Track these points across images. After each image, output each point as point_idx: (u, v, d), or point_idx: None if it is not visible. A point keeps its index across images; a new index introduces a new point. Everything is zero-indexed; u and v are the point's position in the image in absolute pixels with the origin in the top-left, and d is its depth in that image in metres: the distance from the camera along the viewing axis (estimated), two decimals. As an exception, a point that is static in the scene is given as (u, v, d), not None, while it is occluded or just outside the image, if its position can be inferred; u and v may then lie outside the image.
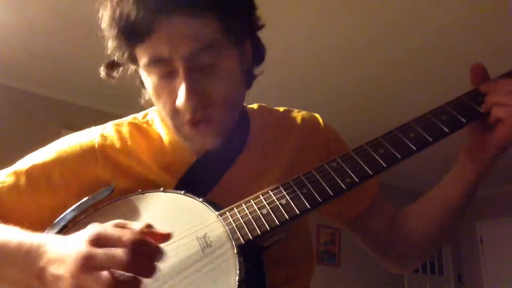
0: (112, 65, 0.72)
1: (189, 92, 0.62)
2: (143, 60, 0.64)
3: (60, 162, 0.72)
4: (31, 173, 0.71)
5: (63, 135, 0.79)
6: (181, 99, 0.62)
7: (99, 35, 0.69)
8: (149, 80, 0.67)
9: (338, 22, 2.74)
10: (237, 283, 0.50)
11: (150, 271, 0.47)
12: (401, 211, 0.84)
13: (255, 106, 0.87)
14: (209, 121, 0.66)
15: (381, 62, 3.13)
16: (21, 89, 3.56)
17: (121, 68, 0.72)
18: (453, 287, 5.83)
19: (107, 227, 0.51)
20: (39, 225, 0.64)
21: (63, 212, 0.67)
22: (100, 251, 0.47)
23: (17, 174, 0.71)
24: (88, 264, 0.46)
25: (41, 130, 3.47)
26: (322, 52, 3.06)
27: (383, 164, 0.59)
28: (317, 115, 0.87)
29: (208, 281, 0.53)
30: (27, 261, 0.53)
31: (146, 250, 0.48)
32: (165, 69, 0.64)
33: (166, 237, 0.54)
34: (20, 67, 3.33)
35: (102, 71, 0.73)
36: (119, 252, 0.46)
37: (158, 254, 0.49)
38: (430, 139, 0.60)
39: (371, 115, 3.87)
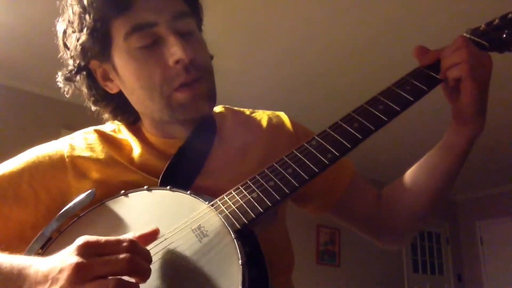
0: (71, 75, 0.74)
1: (184, 45, 0.65)
2: (124, 31, 0.66)
3: (28, 173, 0.69)
4: None
5: (63, 135, 0.78)
6: (178, 50, 0.65)
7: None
8: (130, 55, 0.67)
9: (339, 21, 2.75)
10: (241, 266, 0.51)
11: (147, 274, 0.48)
12: (386, 188, 0.84)
13: (219, 107, 0.86)
14: (201, 81, 0.68)
15: (382, 60, 3.13)
16: (21, 89, 3.56)
17: (78, 76, 0.74)
18: (453, 287, 5.84)
19: (92, 238, 0.48)
20: (7, 241, 0.61)
21: (33, 226, 0.65)
22: (96, 259, 0.46)
23: None
24: (85, 274, 0.45)
25: (41, 130, 3.47)
26: (323, 50, 3.06)
27: (359, 136, 0.63)
28: (282, 113, 0.87)
29: (211, 269, 0.53)
30: (8, 285, 0.50)
31: (141, 253, 0.48)
32: (149, 37, 0.66)
33: (155, 234, 0.54)
34: (20, 67, 3.34)
35: (60, 81, 0.75)
36: (119, 257, 0.46)
37: (149, 256, 0.49)
38: (398, 109, 0.64)
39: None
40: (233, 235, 0.55)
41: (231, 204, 0.59)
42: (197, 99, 0.68)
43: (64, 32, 0.73)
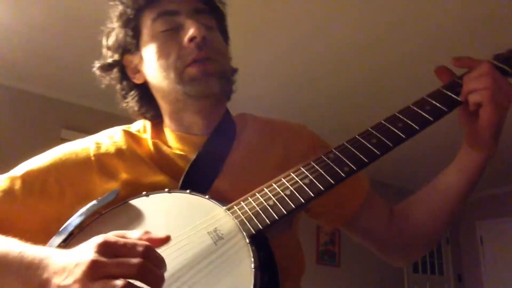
0: (107, 66, 0.82)
1: (199, 26, 0.73)
2: (150, 18, 0.76)
3: (55, 169, 0.73)
4: (26, 178, 0.71)
5: (63, 135, 0.80)
6: (192, 29, 0.72)
7: (99, 37, 0.81)
8: (154, 39, 0.75)
9: (339, 21, 2.74)
10: (253, 270, 0.52)
11: (158, 281, 0.48)
12: (399, 205, 0.85)
13: (237, 114, 0.89)
14: (213, 61, 0.74)
15: (382, 61, 3.13)
16: (21, 89, 3.56)
17: (114, 70, 0.82)
18: (453, 287, 5.84)
19: (112, 237, 0.50)
20: (32, 233, 0.63)
21: (57, 220, 0.67)
22: (110, 259, 0.47)
23: (12, 179, 0.72)
24: (98, 272, 0.46)
25: (41, 130, 3.47)
26: (323, 50, 3.06)
27: (377, 152, 0.63)
28: (303, 124, 0.90)
29: (224, 271, 0.54)
30: (29, 273, 0.52)
31: (155, 260, 0.49)
32: (170, 23, 0.75)
33: (165, 240, 0.56)
34: (20, 67, 3.33)
35: (97, 70, 0.82)
36: (132, 261, 0.47)
37: (163, 264, 0.50)
38: (417, 128, 0.65)
39: (372, 113, 3.86)
40: (247, 240, 0.56)
41: (247, 210, 0.61)
42: (207, 76, 0.72)
43: (107, 34, 0.82)
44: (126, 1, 0.77)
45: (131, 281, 0.46)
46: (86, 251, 0.48)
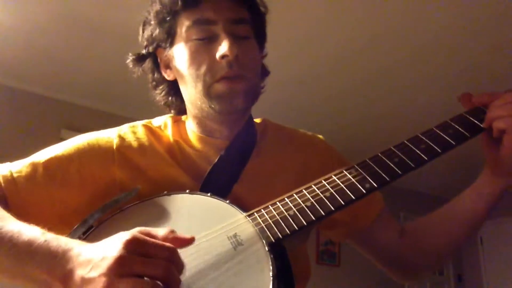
0: (140, 57, 0.82)
1: (232, 44, 0.71)
2: (187, 24, 0.74)
3: (78, 158, 0.73)
4: (49, 166, 0.72)
5: (63, 135, 0.81)
6: (225, 47, 0.71)
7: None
8: (187, 45, 0.74)
9: (339, 23, 2.75)
10: (272, 278, 0.53)
11: (178, 285, 0.49)
12: (412, 224, 0.86)
13: (259, 120, 0.89)
14: (242, 78, 0.73)
15: (381, 63, 3.13)
16: (21, 89, 3.55)
17: (146, 61, 0.82)
18: (453, 287, 5.83)
19: (140, 235, 0.51)
20: (49, 222, 0.63)
21: (75, 210, 0.68)
22: (138, 258, 0.48)
23: (34, 165, 0.72)
24: (124, 269, 0.47)
25: (41, 130, 3.46)
26: (322, 52, 3.06)
27: (399, 171, 0.64)
28: (321, 137, 0.91)
29: (242, 277, 0.55)
30: (53, 263, 0.52)
31: (178, 264, 0.50)
32: (206, 32, 0.73)
33: (190, 241, 0.56)
34: (20, 67, 3.33)
35: (130, 61, 0.83)
36: (159, 262, 0.48)
37: (183, 270, 0.51)
38: (439, 150, 0.65)
39: (370, 114, 3.87)
40: (267, 248, 0.57)
41: (268, 218, 0.61)
42: (234, 94, 0.72)
43: (144, 23, 0.82)
44: (164, 2, 0.76)
45: (158, 282, 0.47)
46: (114, 246, 0.48)
